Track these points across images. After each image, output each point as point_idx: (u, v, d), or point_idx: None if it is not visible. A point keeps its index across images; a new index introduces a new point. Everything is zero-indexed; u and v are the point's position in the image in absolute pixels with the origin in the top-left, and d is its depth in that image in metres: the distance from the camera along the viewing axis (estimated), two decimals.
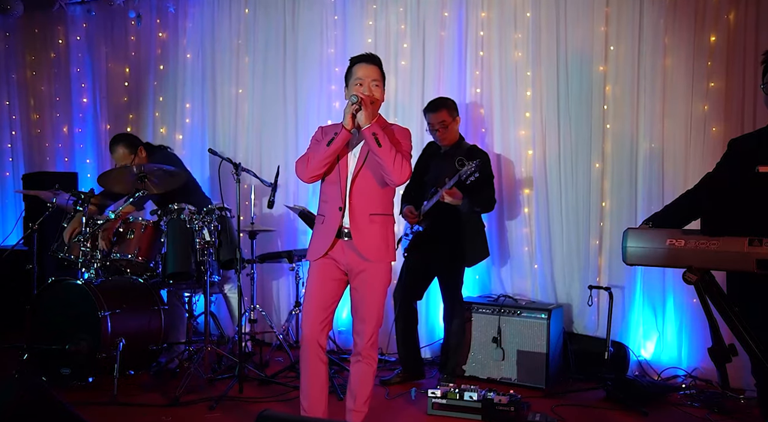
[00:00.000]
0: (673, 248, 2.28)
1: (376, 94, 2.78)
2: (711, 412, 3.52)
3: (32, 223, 4.35)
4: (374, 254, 2.77)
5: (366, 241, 2.76)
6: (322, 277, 2.83)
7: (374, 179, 2.77)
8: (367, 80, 2.78)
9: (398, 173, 2.68)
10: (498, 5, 4.62)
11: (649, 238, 2.33)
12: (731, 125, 4.02)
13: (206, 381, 3.88)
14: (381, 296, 2.83)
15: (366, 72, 2.79)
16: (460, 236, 3.89)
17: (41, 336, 3.88)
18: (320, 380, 2.83)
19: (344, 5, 5.05)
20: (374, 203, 2.80)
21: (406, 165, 2.70)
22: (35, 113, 6.24)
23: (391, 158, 2.65)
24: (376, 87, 2.79)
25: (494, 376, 4.04)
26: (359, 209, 2.77)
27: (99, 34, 5.94)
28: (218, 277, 4.08)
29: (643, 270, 4.25)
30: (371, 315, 2.80)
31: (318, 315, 2.80)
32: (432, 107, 3.98)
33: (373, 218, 2.79)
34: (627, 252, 2.41)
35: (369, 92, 2.75)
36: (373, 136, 2.64)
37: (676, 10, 4.17)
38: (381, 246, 2.79)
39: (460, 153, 3.88)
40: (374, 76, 2.79)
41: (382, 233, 2.80)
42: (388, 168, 2.66)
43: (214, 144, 5.31)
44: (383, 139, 2.65)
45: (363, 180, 2.78)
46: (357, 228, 2.76)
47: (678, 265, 2.28)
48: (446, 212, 3.82)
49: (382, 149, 2.64)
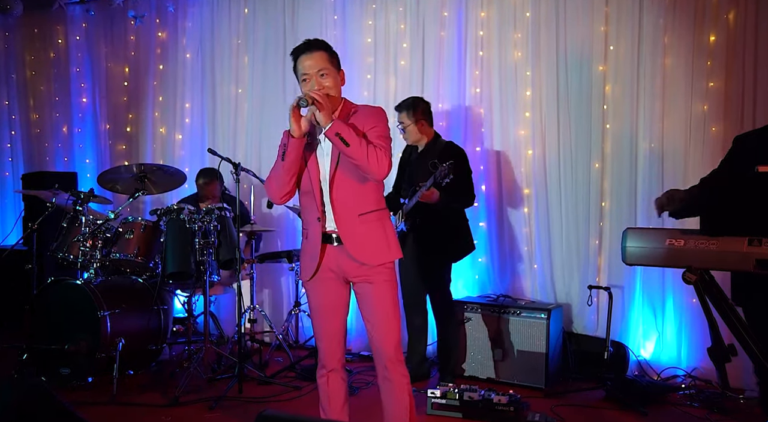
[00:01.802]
0: (673, 248, 2.28)
1: (327, 84, 2.44)
2: (710, 412, 3.52)
3: (32, 223, 4.35)
4: (373, 257, 2.48)
5: (360, 245, 2.47)
6: (322, 300, 2.57)
7: (354, 177, 2.44)
8: (312, 73, 2.43)
9: (376, 168, 2.35)
10: (497, 5, 4.61)
11: (649, 238, 2.33)
12: (731, 125, 4.01)
13: (206, 381, 3.88)
14: (391, 301, 2.52)
15: (309, 63, 2.44)
16: (442, 232, 3.90)
17: (41, 336, 3.88)
18: (339, 400, 2.61)
19: (344, 5, 5.05)
20: (361, 202, 2.48)
21: (383, 157, 2.36)
22: (35, 112, 6.24)
23: (363, 155, 2.33)
24: (324, 77, 2.44)
25: (494, 376, 4.04)
26: (345, 213, 2.47)
27: (98, 33, 5.94)
28: (218, 277, 4.08)
29: (642, 270, 4.25)
30: (385, 325, 2.49)
31: (330, 346, 2.57)
32: (397, 107, 4.02)
33: (364, 217, 2.48)
34: (626, 252, 2.41)
35: (318, 86, 2.42)
36: (337, 136, 2.32)
37: (676, 9, 4.17)
38: (379, 246, 2.49)
39: (435, 152, 3.87)
40: (320, 66, 2.44)
41: (377, 231, 2.50)
42: (363, 167, 2.36)
43: (213, 144, 5.31)
44: (349, 135, 2.32)
45: (342, 181, 2.46)
46: (347, 233, 2.46)
47: (677, 265, 2.28)
48: (427, 210, 3.82)
49: (351, 147, 2.32)
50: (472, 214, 4.61)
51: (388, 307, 2.50)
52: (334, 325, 2.58)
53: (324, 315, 2.57)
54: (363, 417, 3.21)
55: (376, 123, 2.46)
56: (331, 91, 2.45)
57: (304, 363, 4.24)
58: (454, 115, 4.72)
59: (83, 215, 4.03)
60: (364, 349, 4.71)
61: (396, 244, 2.57)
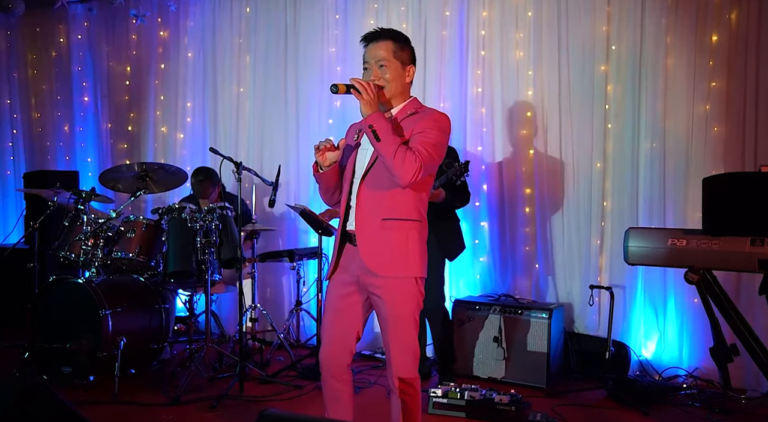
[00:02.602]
0: (675, 248, 2.28)
1: (386, 76, 2.35)
2: (712, 412, 3.51)
3: (33, 222, 4.35)
4: (383, 268, 2.29)
5: (374, 252, 2.31)
6: (331, 301, 2.45)
7: (389, 179, 2.29)
8: (372, 62, 2.38)
9: (399, 169, 2.21)
10: (499, 4, 4.61)
11: (651, 238, 2.33)
12: (733, 125, 4.01)
13: (207, 380, 3.88)
14: (405, 320, 2.33)
15: (371, 53, 2.38)
16: (441, 231, 3.90)
17: (42, 335, 3.88)
18: (342, 404, 2.50)
19: (345, 4, 5.05)
20: (390, 207, 2.32)
21: (412, 162, 2.21)
22: (36, 111, 6.24)
23: (391, 153, 2.21)
24: (383, 68, 2.35)
25: (495, 376, 4.04)
26: (368, 212, 2.33)
27: (100, 32, 5.94)
28: (219, 276, 4.08)
29: (644, 270, 4.24)
30: (396, 343, 2.34)
31: (327, 348, 2.46)
32: None
33: (388, 223, 2.31)
34: (628, 252, 2.42)
35: (375, 77, 2.35)
36: (371, 129, 2.23)
37: (678, 9, 4.16)
38: (396, 259, 2.30)
39: None
40: (380, 56, 2.35)
41: (399, 242, 2.31)
42: (388, 165, 2.24)
43: (215, 143, 5.31)
44: (384, 131, 2.23)
45: (373, 181, 2.34)
46: (364, 235, 2.32)
47: (680, 265, 2.28)
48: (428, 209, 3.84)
49: (381, 142, 2.23)
50: (473, 214, 4.63)
51: (400, 327, 2.33)
52: (341, 329, 2.43)
53: (334, 317, 2.44)
54: (364, 417, 3.20)
55: (429, 128, 2.31)
56: (386, 84, 2.36)
57: (305, 362, 4.23)
58: (455, 114, 4.71)
59: (85, 213, 4.03)
60: (365, 348, 4.70)
61: (420, 260, 2.34)
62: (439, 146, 2.32)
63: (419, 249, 2.35)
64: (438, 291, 4.00)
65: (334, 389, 2.48)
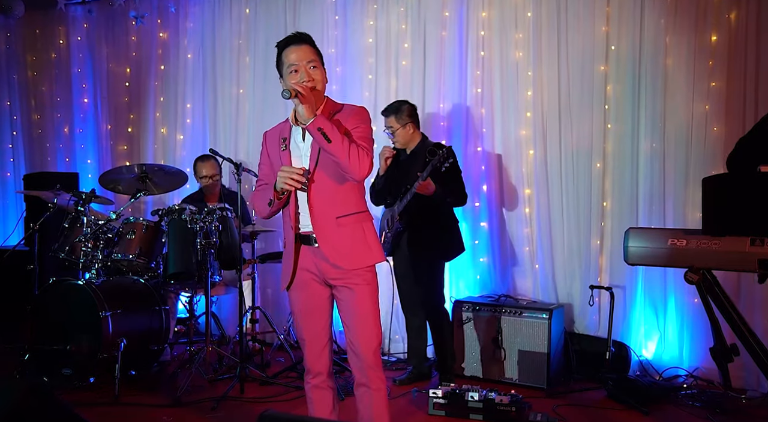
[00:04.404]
0: (675, 248, 2.28)
1: (317, 77, 2.39)
2: (712, 412, 3.51)
3: (33, 223, 4.35)
4: (349, 261, 2.39)
5: (337, 248, 2.39)
6: (304, 303, 2.49)
7: (334, 178, 2.38)
8: (302, 64, 2.39)
9: (356, 167, 2.29)
10: (499, 5, 4.61)
11: (651, 238, 2.33)
12: (732, 125, 4.01)
13: (207, 382, 3.89)
14: (371, 305, 2.43)
15: (298, 55, 2.40)
16: (434, 231, 3.91)
17: (42, 337, 3.88)
18: (327, 408, 2.53)
19: (345, 5, 5.05)
20: (340, 204, 2.41)
21: (364, 157, 2.30)
22: (36, 113, 6.24)
23: (344, 152, 2.26)
24: (314, 69, 2.39)
25: (495, 376, 4.04)
26: (322, 215, 2.40)
27: (100, 34, 5.94)
28: (219, 277, 4.08)
29: (644, 270, 4.24)
30: (364, 329, 2.41)
31: (313, 349, 2.49)
32: (383, 112, 4.02)
33: (342, 220, 2.41)
34: (628, 252, 2.41)
35: (308, 77, 2.37)
36: (320, 131, 2.25)
37: (677, 9, 4.16)
38: (357, 250, 2.41)
39: (423, 153, 3.87)
40: (309, 57, 2.40)
41: (356, 235, 2.42)
42: (344, 165, 2.29)
43: (215, 144, 5.31)
44: (332, 131, 2.26)
45: (321, 182, 2.40)
46: (324, 236, 2.39)
47: (680, 265, 2.28)
48: (422, 207, 3.82)
49: (333, 144, 2.26)
50: (473, 214, 4.63)
51: (367, 311, 2.42)
52: (317, 327, 2.49)
53: (306, 318, 2.49)
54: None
55: (359, 123, 2.40)
56: (318, 85, 2.40)
57: None
58: (455, 115, 4.72)
59: (85, 215, 4.03)
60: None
61: (378, 247, 2.48)
62: (372, 139, 2.44)
63: (374, 236, 2.48)
64: (438, 292, 4.00)
65: (317, 392, 2.52)
